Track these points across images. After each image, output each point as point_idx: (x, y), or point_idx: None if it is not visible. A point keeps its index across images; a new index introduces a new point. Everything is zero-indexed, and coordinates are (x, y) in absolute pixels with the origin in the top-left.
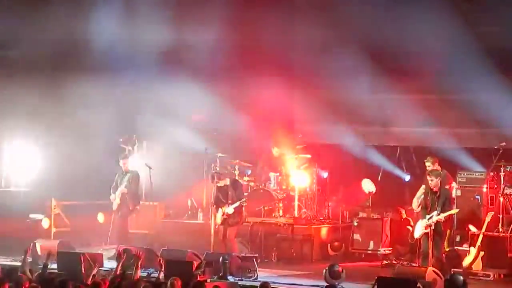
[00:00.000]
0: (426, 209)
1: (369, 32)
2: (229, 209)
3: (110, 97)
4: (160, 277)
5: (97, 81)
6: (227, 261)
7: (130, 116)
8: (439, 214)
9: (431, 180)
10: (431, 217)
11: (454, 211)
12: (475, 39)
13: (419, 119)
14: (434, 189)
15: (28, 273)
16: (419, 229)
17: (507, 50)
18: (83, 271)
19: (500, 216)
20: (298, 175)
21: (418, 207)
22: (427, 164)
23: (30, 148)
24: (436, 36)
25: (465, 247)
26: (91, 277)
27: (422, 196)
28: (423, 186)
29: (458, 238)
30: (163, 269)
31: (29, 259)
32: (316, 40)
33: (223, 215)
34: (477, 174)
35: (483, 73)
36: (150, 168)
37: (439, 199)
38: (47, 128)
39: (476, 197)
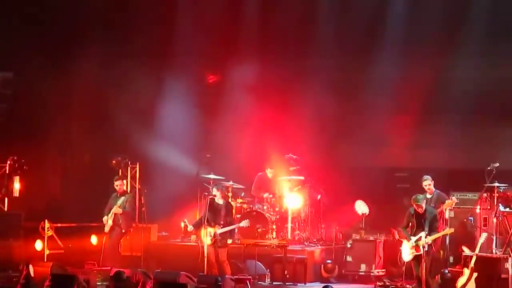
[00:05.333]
0: (411, 230)
1: (361, 53)
2: (220, 231)
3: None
4: None
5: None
6: (220, 283)
7: (124, 137)
8: (426, 236)
9: (418, 205)
10: (418, 239)
11: (442, 233)
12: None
13: (413, 140)
14: (419, 210)
15: None
16: (407, 251)
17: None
18: None
19: (494, 237)
20: (291, 197)
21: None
22: (425, 182)
23: (23, 169)
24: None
25: (458, 268)
26: None
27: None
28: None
29: (451, 259)
30: None
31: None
32: (307, 62)
33: (211, 236)
34: (470, 195)
35: (475, 94)
36: (142, 190)
37: (425, 220)
38: (40, 147)
39: (469, 218)
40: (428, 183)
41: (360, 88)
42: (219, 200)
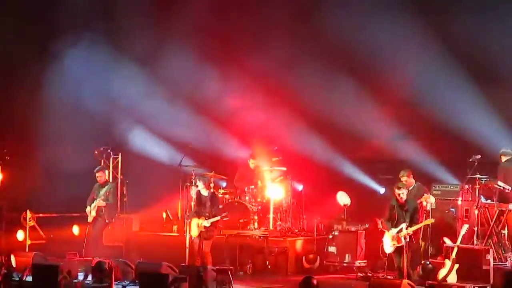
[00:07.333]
0: (392, 222)
1: (344, 47)
2: (206, 223)
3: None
4: None
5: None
6: (202, 274)
7: (105, 128)
8: (407, 228)
9: (401, 192)
10: (399, 231)
11: (422, 223)
12: (447, 51)
13: (394, 132)
14: (400, 202)
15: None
16: (389, 243)
17: (479, 62)
18: (58, 284)
19: (475, 229)
20: (273, 188)
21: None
22: (402, 179)
23: (4, 160)
24: (409, 49)
25: (439, 259)
26: None
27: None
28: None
29: (433, 251)
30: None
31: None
32: (291, 54)
33: (198, 227)
34: (451, 187)
35: (457, 86)
36: (124, 181)
37: (406, 212)
38: (22, 138)
39: (451, 209)
40: (404, 179)
41: (343, 79)
42: (204, 192)
